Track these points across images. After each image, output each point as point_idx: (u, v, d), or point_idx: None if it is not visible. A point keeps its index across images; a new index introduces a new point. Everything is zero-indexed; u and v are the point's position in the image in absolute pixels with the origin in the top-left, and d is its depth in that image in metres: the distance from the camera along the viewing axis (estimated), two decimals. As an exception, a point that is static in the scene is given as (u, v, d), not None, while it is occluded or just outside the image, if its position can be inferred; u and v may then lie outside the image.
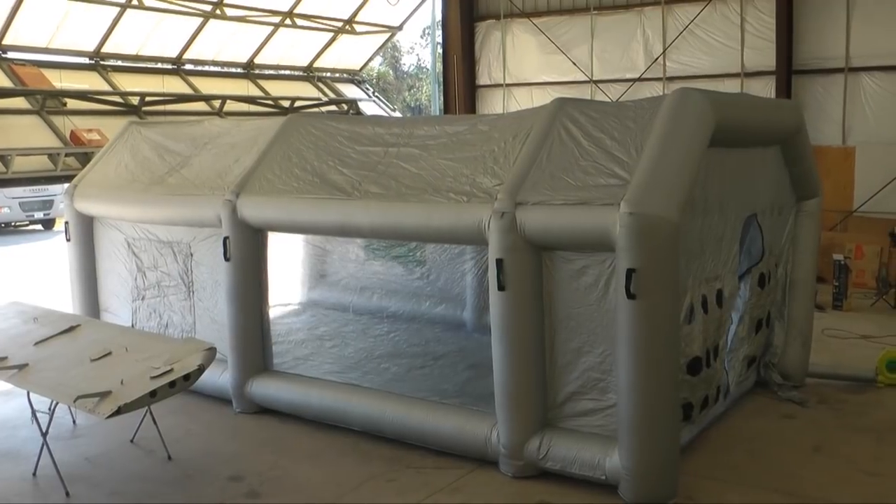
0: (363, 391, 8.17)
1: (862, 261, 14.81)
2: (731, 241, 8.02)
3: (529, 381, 6.87)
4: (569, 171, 6.69)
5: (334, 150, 8.36)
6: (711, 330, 7.59)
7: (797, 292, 9.34)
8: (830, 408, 8.73)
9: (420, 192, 7.41)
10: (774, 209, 8.90)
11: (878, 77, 16.01)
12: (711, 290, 7.59)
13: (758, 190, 8.54)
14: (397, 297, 10.35)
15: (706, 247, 7.49)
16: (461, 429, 7.32)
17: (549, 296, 6.78)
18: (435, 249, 9.40)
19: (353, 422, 8.00)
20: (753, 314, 8.69)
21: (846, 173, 16.32)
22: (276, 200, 8.25)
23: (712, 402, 7.83)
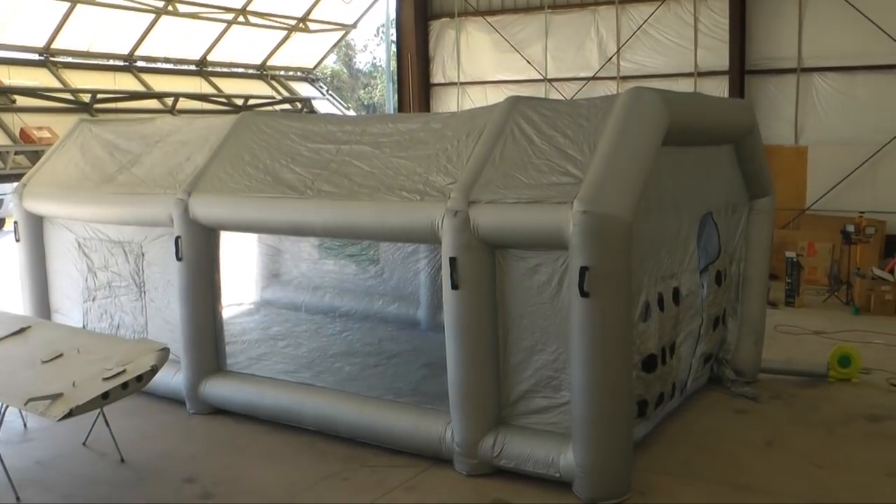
0: (317, 390, 8.17)
1: (814, 258, 15.03)
2: (688, 239, 8.11)
3: (483, 380, 6.90)
4: (522, 169, 6.72)
5: (287, 149, 8.35)
6: (668, 327, 7.67)
7: (750, 289, 9.47)
8: (783, 402, 8.88)
9: (373, 191, 7.42)
10: (728, 207, 9.02)
11: (829, 77, 16.26)
12: (668, 288, 7.67)
13: (712, 188, 8.65)
14: (351, 296, 10.37)
15: (662, 245, 7.57)
16: (416, 427, 7.35)
17: (502, 294, 6.81)
18: (388, 248, 9.42)
19: (307, 421, 7.99)
20: (711, 312, 8.79)
21: (799, 172, 16.56)
22: (228, 199, 8.22)
23: (668, 398, 7.92)
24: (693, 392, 8.89)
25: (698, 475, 7.09)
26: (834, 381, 9.47)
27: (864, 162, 15.74)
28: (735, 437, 7.94)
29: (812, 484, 6.93)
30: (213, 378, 8.57)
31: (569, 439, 6.57)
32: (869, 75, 15.84)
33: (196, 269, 8.43)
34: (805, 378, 9.60)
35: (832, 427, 8.20)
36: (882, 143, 15.59)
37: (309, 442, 7.85)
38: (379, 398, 7.86)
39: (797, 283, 13.57)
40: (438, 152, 7.40)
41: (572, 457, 6.52)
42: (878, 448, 7.70)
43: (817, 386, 9.38)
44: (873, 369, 9.86)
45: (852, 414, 8.53)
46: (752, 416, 8.52)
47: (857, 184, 15.87)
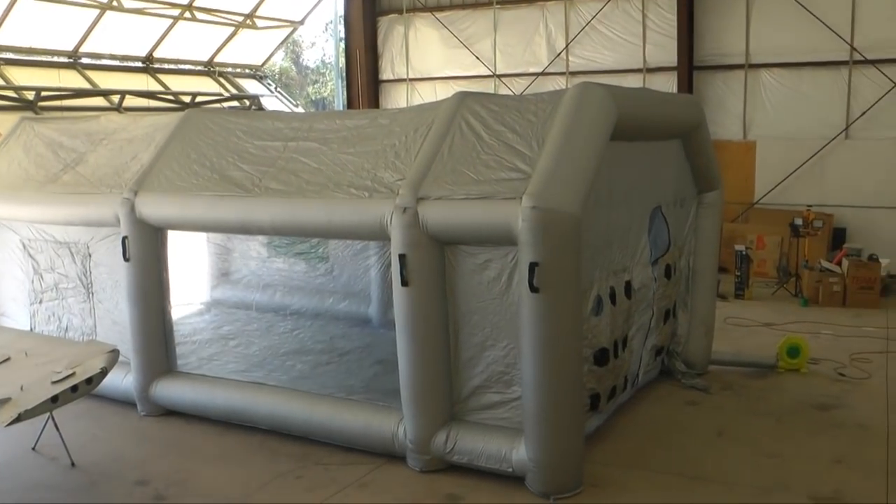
0: (269, 389, 8.18)
1: (763, 251, 15.25)
2: (639, 232, 8.21)
3: (435, 376, 6.96)
4: (470, 165, 6.76)
5: (233, 146, 8.33)
6: (620, 321, 7.77)
7: (700, 282, 9.62)
8: (733, 393, 9.04)
9: (321, 188, 7.43)
10: (677, 201, 9.14)
11: (777, 73, 16.49)
12: (619, 281, 7.77)
13: (661, 182, 8.76)
14: (301, 294, 10.32)
15: (613, 239, 7.65)
16: (368, 424, 7.39)
17: (452, 290, 6.86)
18: (338, 245, 9.38)
19: (259, 421, 8.00)
20: (661, 305, 8.91)
21: (747, 166, 16.77)
22: (174, 198, 8.19)
23: (619, 392, 8.02)
24: (644, 384, 9.02)
25: (650, 466, 7.20)
26: (783, 372, 9.65)
27: (811, 156, 15.99)
28: (686, 429, 8.07)
29: (762, 472, 7.07)
30: (164, 379, 8.54)
31: (521, 434, 6.64)
32: (815, 71, 16.08)
33: (144, 270, 8.39)
34: (755, 369, 9.79)
35: (781, 417, 8.36)
36: (829, 138, 15.84)
37: (261, 441, 7.85)
38: (331, 396, 7.88)
39: (746, 275, 13.79)
40: (386, 148, 7.43)
41: (524, 451, 6.59)
42: (826, 436, 7.86)
43: (767, 377, 9.56)
44: (821, 359, 10.05)
45: (801, 403, 8.71)
46: (702, 407, 8.66)
47: (805, 178, 16.11)
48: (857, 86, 15.75)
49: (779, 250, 15.07)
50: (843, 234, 15.70)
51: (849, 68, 15.73)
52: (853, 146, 15.80)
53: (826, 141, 15.86)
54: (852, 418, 8.30)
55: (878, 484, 6.84)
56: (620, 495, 6.68)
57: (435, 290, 6.85)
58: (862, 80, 15.70)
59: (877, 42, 15.42)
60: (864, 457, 7.38)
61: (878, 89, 15.46)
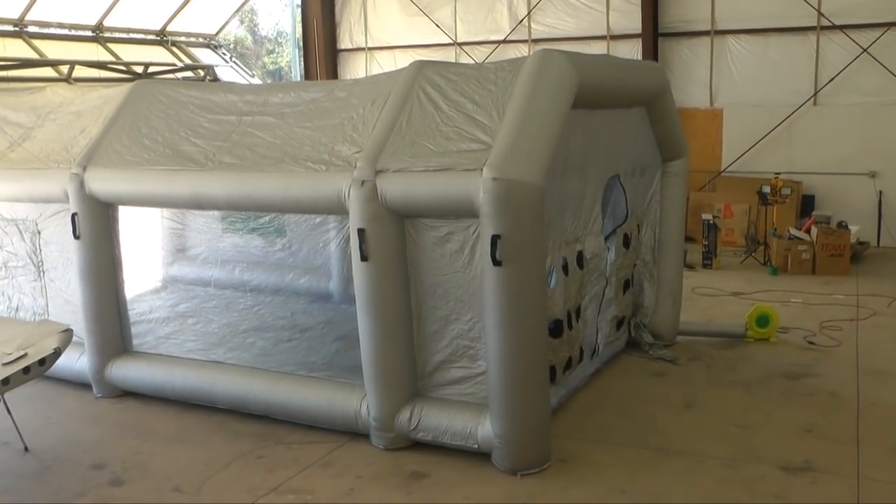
0: (228, 368, 8.18)
1: (731, 219, 15.40)
2: (593, 202, 8.25)
3: (397, 352, 6.99)
4: (429, 136, 6.76)
5: (185, 120, 8.28)
6: (573, 292, 7.83)
7: (666, 252, 9.70)
8: (702, 364, 9.16)
9: (277, 162, 7.41)
10: (637, 169, 9.18)
11: (743, 40, 16.57)
12: (572, 252, 7.82)
13: (621, 151, 8.78)
14: (260, 270, 10.21)
15: (566, 209, 7.69)
16: (330, 402, 7.42)
17: (413, 264, 6.88)
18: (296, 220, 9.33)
19: (219, 400, 8.01)
20: (620, 275, 8.97)
21: (714, 134, 16.88)
22: (125, 173, 8.13)
23: (576, 363, 8.10)
24: (610, 357, 9.11)
25: (618, 439, 7.28)
26: (752, 342, 9.78)
27: (779, 124, 16.12)
28: (654, 400, 8.16)
29: (732, 443, 7.17)
30: (120, 360, 8.52)
31: (486, 409, 6.70)
32: (782, 37, 16.19)
33: (95, 247, 8.34)
34: (724, 339, 9.91)
35: (750, 386, 8.49)
36: (797, 105, 15.97)
37: (220, 422, 7.86)
38: (292, 374, 7.88)
39: (714, 245, 13.90)
40: (343, 121, 7.41)
41: (490, 427, 6.63)
42: (795, 405, 7.99)
43: (735, 346, 9.68)
44: (791, 328, 10.18)
45: (770, 373, 8.84)
46: (670, 378, 8.78)
47: (773, 145, 16.25)
48: (824, 51, 15.87)
49: (747, 219, 15.21)
50: (812, 201, 15.87)
51: (816, 34, 15.85)
52: (821, 113, 15.94)
53: (794, 108, 15.99)
54: (822, 387, 8.43)
55: (848, 452, 6.96)
56: (588, 470, 6.74)
57: (395, 265, 6.86)
58: (830, 45, 15.82)
59: (844, 7, 15.53)
60: (835, 425, 7.49)
61: (846, 55, 15.58)
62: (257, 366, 8.17)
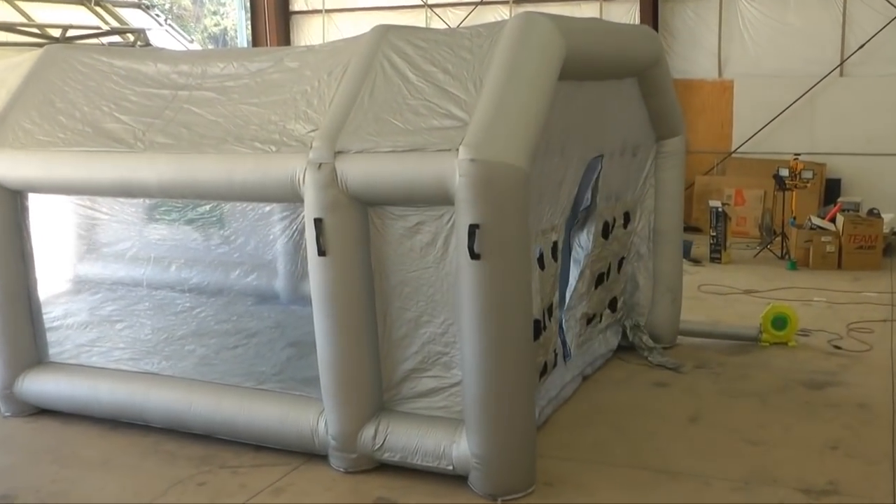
0: (163, 380, 8.19)
1: (743, 207, 15.57)
2: (571, 186, 8.36)
3: (360, 360, 7.04)
4: (396, 112, 6.80)
5: (108, 93, 8.27)
6: (548, 288, 7.96)
7: (663, 243, 9.86)
8: (709, 372, 9.28)
9: (219, 143, 7.45)
10: (628, 149, 9.31)
11: (758, 1, 16.67)
12: (547, 242, 7.94)
13: (608, 128, 8.89)
14: (199, 267, 10.25)
15: (544, 194, 7.76)
16: (283, 418, 7.48)
17: (379, 259, 6.94)
18: (240, 209, 9.31)
19: (153, 418, 8.05)
20: (594, 268, 9.13)
21: (723, 110, 17.00)
22: (36, 155, 8.09)
23: (550, 368, 8.23)
24: (603, 364, 9.25)
25: (613, 459, 7.35)
26: (767, 346, 9.91)
27: (799, 97, 16.25)
28: (653, 414, 8.26)
29: (744, 462, 7.23)
30: (33, 372, 8.53)
31: (462, 425, 6.76)
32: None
33: (1, 241, 8.33)
34: (734, 343, 10.03)
35: (766, 397, 8.59)
36: (820, 76, 16.10)
37: (155, 443, 7.90)
38: (238, 386, 7.94)
39: (724, 236, 14.03)
40: (296, 95, 7.46)
41: (467, 446, 6.69)
42: (818, 418, 8.07)
43: (748, 352, 9.82)
44: (813, 330, 10.34)
45: (789, 381, 8.94)
46: (672, 388, 8.90)
47: (792, 122, 16.40)
48: (853, 14, 16.01)
49: (761, 206, 15.37)
50: (838, 185, 16.04)
51: (843, -7, 15.98)
52: (849, 85, 16.08)
53: (817, 79, 16.14)
54: (850, 397, 8.53)
55: (880, 472, 7.02)
56: (578, 495, 6.82)
57: (358, 260, 6.91)
58: (859, 7, 15.96)
59: (876, -39, 15.63)
60: (865, 441, 7.57)
61: (879, 18, 15.74)
62: (197, 377, 8.19)
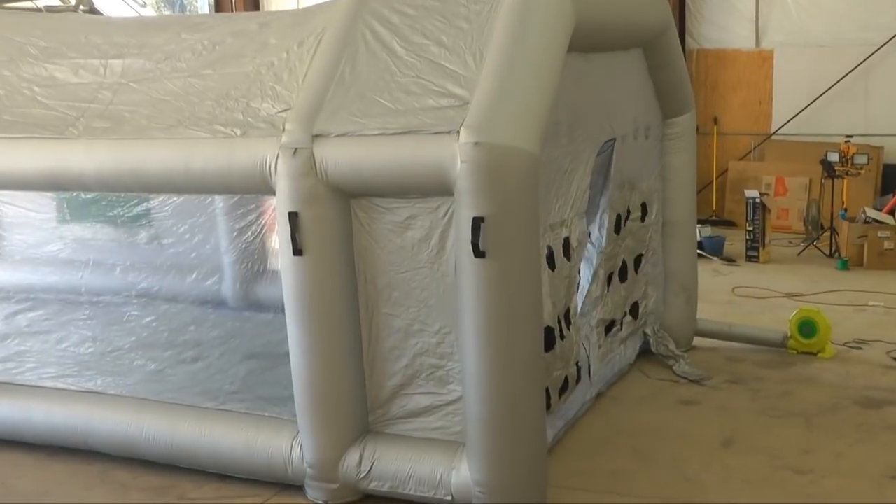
0: (109, 400, 8.35)
1: (785, 197, 15.75)
2: (583, 175, 8.53)
3: (341, 375, 7.20)
4: (384, 90, 6.94)
5: (29, 70, 8.42)
6: (561, 290, 8.12)
7: (675, 236, 10.21)
8: (746, 388, 9.44)
9: (170, 126, 7.59)
10: (640, 131, 9.57)
11: (802, -43, 16.76)
12: (557, 239, 8.09)
13: (618, 108, 9.13)
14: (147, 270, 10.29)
15: (552, 184, 7.92)
16: (250, 444, 7.62)
17: (364, 259, 7.09)
18: (169, 203, 9.25)
19: (98, 443, 8.18)
20: (607, 266, 9.33)
21: (762, 85, 17.13)
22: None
23: (573, 384, 8.41)
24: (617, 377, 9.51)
25: (635, 490, 7.48)
26: (795, 354, 10.12)
27: (850, 70, 16.38)
28: (682, 438, 8.40)
29: (787, 494, 7.37)
30: (-51, 392, 8.62)
31: (462, 448, 6.97)
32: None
33: None
34: (773, 354, 10.21)
35: (812, 418, 8.70)
36: (874, 45, 16.22)
37: (103, 472, 8.02)
38: (197, 406, 8.09)
39: (762, 231, 14.23)
40: (261, 69, 7.64)
41: (468, 472, 6.84)
42: (875, 442, 8.20)
43: (792, 364, 9.96)
44: (868, 341, 10.50)
45: (840, 399, 9.07)
46: (704, 407, 9.07)
47: (842, 99, 16.55)
48: (916, -28, 16.12)
49: (806, 196, 15.55)
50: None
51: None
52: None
53: (872, 48, 16.28)
54: (913, 418, 8.67)
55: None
56: (595, 530, 6.96)
57: (339, 260, 7.08)
58: (922, -36, 16.09)
59: None
60: (932, 470, 7.66)
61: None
62: (149, 396, 8.34)
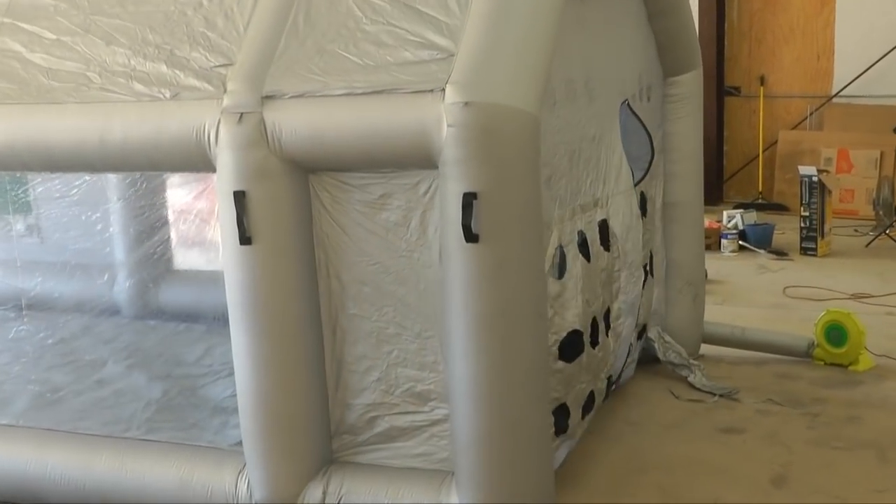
0: (6, 432, 8.57)
1: (849, 175, 16.05)
2: (613, 143, 8.84)
3: (299, 391, 7.37)
4: (349, 41, 7.09)
5: None
6: (597, 287, 8.35)
7: (678, 220, 10.72)
8: (802, 412, 9.73)
9: (77, 86, 7.73)
10: (644, 90, 9.93)
11: None
12: (592, 223, 8.34)
13: (624, 62, 9.48)
14: (40, 272, 10.39)
15: (579, 155, 8.17)
16: (184, 480, 7.80)
17: (326, 247, 7.32)
18: (58, 184, 9.26)
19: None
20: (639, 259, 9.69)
21: (820, 35, 17.55)
22: None
23: (599, 400, 8.67)
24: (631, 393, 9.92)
25: (665, 537, 7.67)
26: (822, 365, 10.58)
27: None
28: (721, 473, 8.54)
29: None
30: None
31: (451, 479, 7.16)
32: None
33: None
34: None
35: (886, 450, 8.87)
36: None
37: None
38: (113, 436, 8.29)
39: (821, 216, 14.60)
40: (185, 9, 7.74)
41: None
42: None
43: (859, 383, 10.25)
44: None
45: (919, 427, 9.19)
46: (748, 436, 9.26)
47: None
48: None
49: (877, 174, 15.85)
50: None
51: None
52: None
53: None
54: None
55: None
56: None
57: (295, 249, 7.29)
58: None
59: None
60: None
61: None
62: (54, 426, 8.54)
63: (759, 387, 10.25)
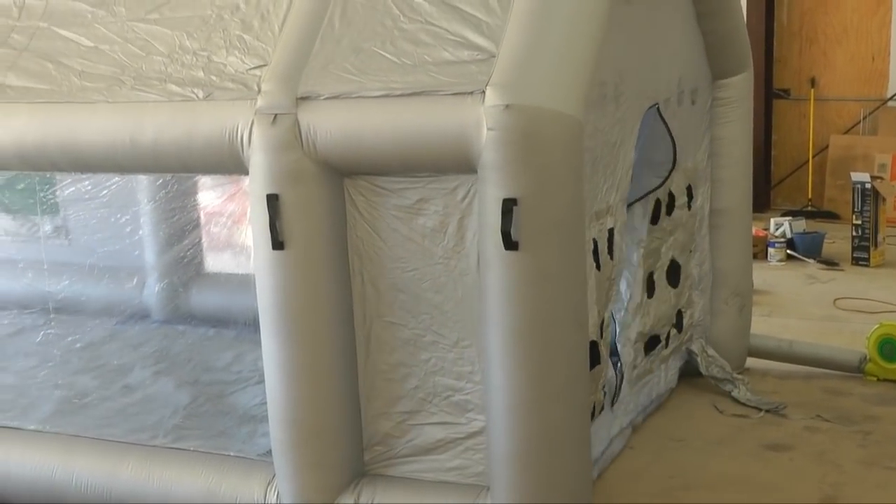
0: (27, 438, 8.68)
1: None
2: (629, 149, 8.84)
3: (331, 401, 7.52)
4: (386, 40, 7.18)
5: None
6: (603, 296, 8.40)
7: (725, 228, 10.66)
8: (855, 430, 9.61)
9: (111, 84, 7.85)
10: (685, 95, 9.88)
11: None
12: (602, 230, 8.36)
13: (662, 64, 9.46)
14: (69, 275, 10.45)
15: (599, 162, 8.15)
16: (211, 490, 7.88)
17: (361, 253, 7.41)
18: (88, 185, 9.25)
19: (15, 494, 8.49)
20: (645, 265, 9.71)
21: (875, 34, 17.44)
22: None
23: (598, 410, 8.67)
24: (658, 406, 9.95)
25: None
26: (875, 381, 10.44)
27: None
28: (768, 493, 8.50)
29: None
30: None
31: (486, 493, 7.22)
32: None
33: None
34: (891, 387, 10.42)
35: None
36: None
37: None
38: (140, 444, 8.37)
39: (874, 225, 14.51)
40: (222, 13, 7.84)
41: (492, 525, 7.18)
42: None
43: None
44: None
45: None
46: (797, 454, 9.18)
47: None
48: None
49: None
50: None
51: None
52: None
53: None
54: None
55: None
56: None
57: (330, 255, 7.37)
58: None
59: None
60: None
61: None
62: (80, 432, 8.61)
63: (808, 402, 10.20)
